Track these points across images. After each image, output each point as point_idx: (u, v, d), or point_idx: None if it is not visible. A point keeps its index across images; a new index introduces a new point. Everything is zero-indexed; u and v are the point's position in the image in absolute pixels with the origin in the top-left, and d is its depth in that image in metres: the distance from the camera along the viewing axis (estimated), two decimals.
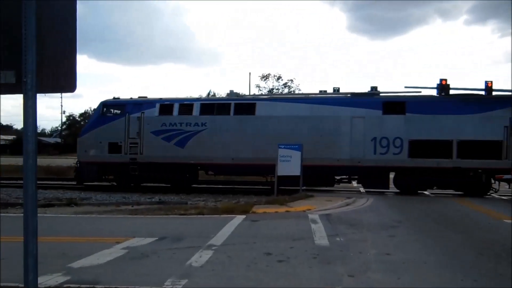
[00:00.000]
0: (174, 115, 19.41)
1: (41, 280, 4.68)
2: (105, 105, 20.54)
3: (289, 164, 16.86)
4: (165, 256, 7.96)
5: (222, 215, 12.61)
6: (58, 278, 6.48)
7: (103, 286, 6.01)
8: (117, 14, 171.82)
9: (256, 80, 55.34)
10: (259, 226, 11.13)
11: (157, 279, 6.42)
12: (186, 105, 19.62)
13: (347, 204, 15.17)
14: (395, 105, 18.14)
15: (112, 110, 20.65)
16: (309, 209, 13.68)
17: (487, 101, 17.42)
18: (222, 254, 8.04)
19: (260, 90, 43.78)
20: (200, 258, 7.72)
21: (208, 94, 52.90)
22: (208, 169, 20.13)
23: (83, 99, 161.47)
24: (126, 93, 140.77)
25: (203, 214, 12.94)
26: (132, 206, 15.29)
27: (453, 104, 17.71)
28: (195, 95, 33.60)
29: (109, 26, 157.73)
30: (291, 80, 44.99)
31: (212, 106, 19.49)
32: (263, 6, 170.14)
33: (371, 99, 18.64)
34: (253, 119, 18.70)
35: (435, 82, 18.50)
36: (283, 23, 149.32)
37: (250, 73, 60.73)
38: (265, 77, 44.27)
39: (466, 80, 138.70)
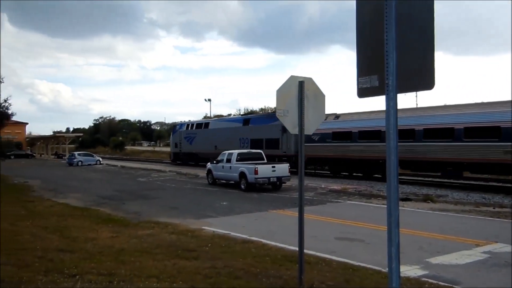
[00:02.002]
0: (189, 129, 41.21)
1: (401, 269, 4.95)
2: (173, 125, 56.81)
3: None
4: None
5: None
6: (417, 271, 6.73)
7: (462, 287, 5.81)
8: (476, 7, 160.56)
9: None
10: None
11: None
12: (191, 124, 41.80)
13: None
14: (246, 120, 34.68)
15: (175, 128, 45.98)
16: None
17: (273, 114, 30.00)
18: None
19: None
20: None
21: None
22: (200, 156, 38.75)
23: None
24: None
25: None
26: (493, 208, 14.00)
27: (265, 117, 34.00)
28: None
29: (465, 19, 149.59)
30: None
31: (198, 125, 40.80)
32: None
33: (240, 117, 39.41)
34: (207, 131, 38.58)
35: None
36: None
37: None
38: None
39: None
